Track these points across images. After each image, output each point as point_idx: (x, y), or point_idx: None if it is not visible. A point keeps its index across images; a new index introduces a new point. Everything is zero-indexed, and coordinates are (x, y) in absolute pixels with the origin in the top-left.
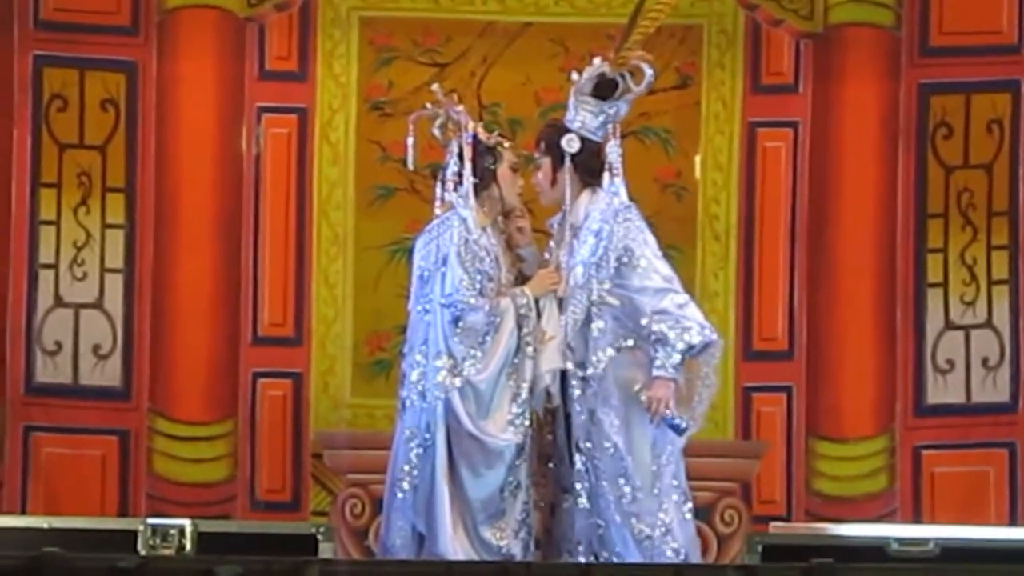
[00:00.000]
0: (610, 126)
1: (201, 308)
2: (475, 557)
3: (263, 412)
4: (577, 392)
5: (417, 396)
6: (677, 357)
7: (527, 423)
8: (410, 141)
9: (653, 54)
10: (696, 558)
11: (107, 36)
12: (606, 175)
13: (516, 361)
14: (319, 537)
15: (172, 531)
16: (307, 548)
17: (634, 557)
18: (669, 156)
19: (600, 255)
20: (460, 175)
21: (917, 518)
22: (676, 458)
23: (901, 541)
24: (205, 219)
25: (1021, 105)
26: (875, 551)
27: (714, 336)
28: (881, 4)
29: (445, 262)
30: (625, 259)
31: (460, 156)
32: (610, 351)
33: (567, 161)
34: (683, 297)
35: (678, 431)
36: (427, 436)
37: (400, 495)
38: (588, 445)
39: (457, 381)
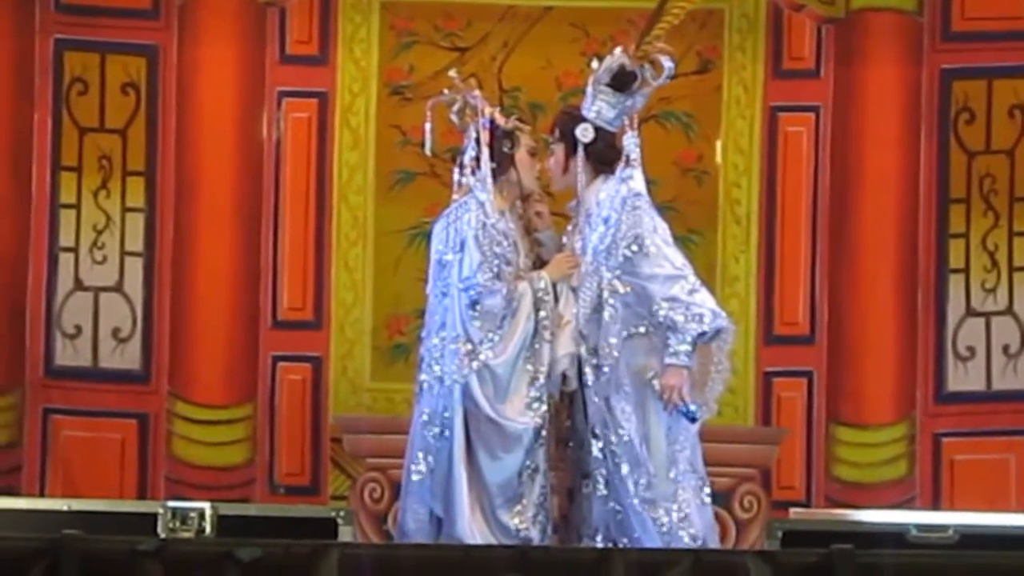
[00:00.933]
0: (626, 117)
1: (221, 292)
2: (493, 541)
3: (282, 396)
4: (591, 379)
5: (435, 380)
6: (688, 344)
7: (545, 407)
8: (427, 127)
9: (675, 38)
10: (714, 543)
11: (128, 20)
12: (620, 164)
13: (535, 345)
14: (339, 521)
15: (192, 514)
16: (327, 532)
17: (652, 543)
18: (690, 140)
19: (609, 243)
20: (478, 160)
21: (936, 505)
22: (692, 443)
23: (920, 527)
24: (225, 203)
25: None
26: (895, 537)
27: (725, 322)
28: None
29: (463, 246)
30: (635, 247)
31: (478, 141)
32: (622, 338)
33: (580, 150)
34: (694, 283)
35: (691, 419)
36: (445, 419)
37: (417, 478)
38: (604, 431)
39: (475, 364)
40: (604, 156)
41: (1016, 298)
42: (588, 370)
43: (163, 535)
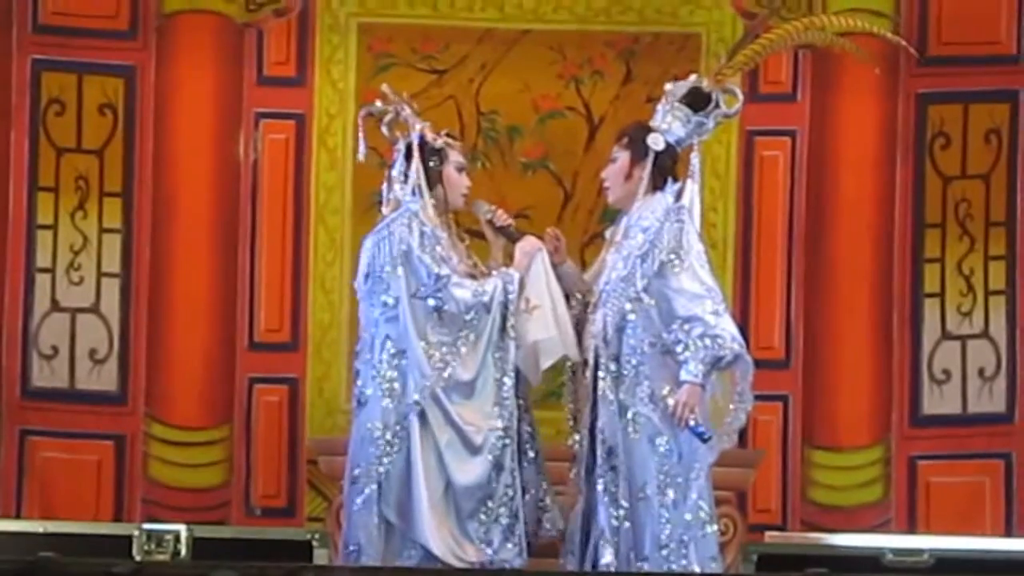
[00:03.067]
0: (694, 139)
1: (197, 313)
2: (455, 544)
3: (259, 417)
4: (610, 387)
5: (382, 392)
6: (705, 364)
7: (512, 407)
8: (360, 136)
9: (652, 62)
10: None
11: (105, 41)
12: (670, 180)
13: (502, 344)
14: (314, 543)
15: (168, 536)
16: (302, 554)
17: (654, 562)
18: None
19: (646, 251)
20: (406, 175)
21: (912, 528)
22: (705, 474)
23: (896, 551)
24: (202, 224)
25: (1019, 115)
26: (870, 561)
27: (744, 352)
28: (880, 13)
29: (407, 257)
30: (672, 260)
31: (407, 155)
32: (644, 348)
33: (650, 158)
34: (719, 307)
35: (702, 439)
36: (398, 429)
37: (367, 491)
38: (615, 443)
39: (445, 375)
40: (666, 170)
41: (992, 322)
42: (607, 377)
43: (139, 558)
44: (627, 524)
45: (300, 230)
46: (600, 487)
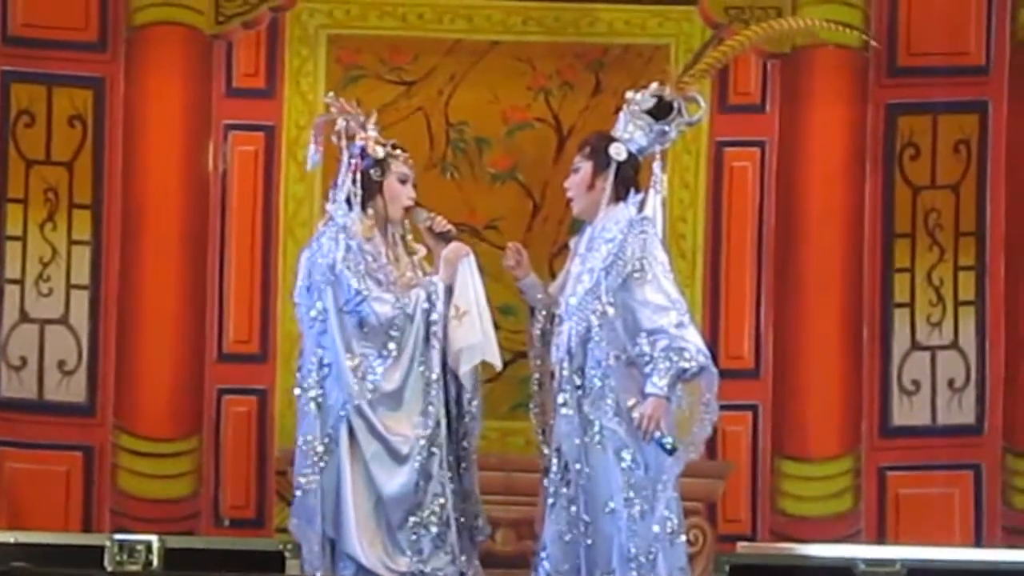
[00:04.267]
0: (657, 148)
1: (166, 325)
2: (386, 556)
3: (228, 429)
4: (572, 401)
5: (313, 406)
6: (669, 377)
7: (437, 415)
8: (311, 146)
9: (620, 73)
10: None
11: (75, 52)
12: (632, 190)
13: (427, 352)
14: (286, 554)
15: (139, 547)
16: (274, 565)
17: (623, 573)
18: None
19: (610, 263)
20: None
21: (882, 539)
22: (672, 485)
23: (868, 562)
24: (171, 236)
25: (988, 126)
26: (842, 571)
27: (709, 363)
28: (849, 25)
29: (332, 271)
30: (636, 272)
31: (347, 167)
32: (609, 361)
33: (612, 168)
34: (683, 319)
35: (666, 451)
36: (327, 442)
37: (308, 504)
38: (577, 453)
39: (369, 387)
40: (629, 180)
41: (961, 332)
42: (570, 392)
43: (110, 568)
44: (588, 540)
45: (269, 242)
46: (551, 501)
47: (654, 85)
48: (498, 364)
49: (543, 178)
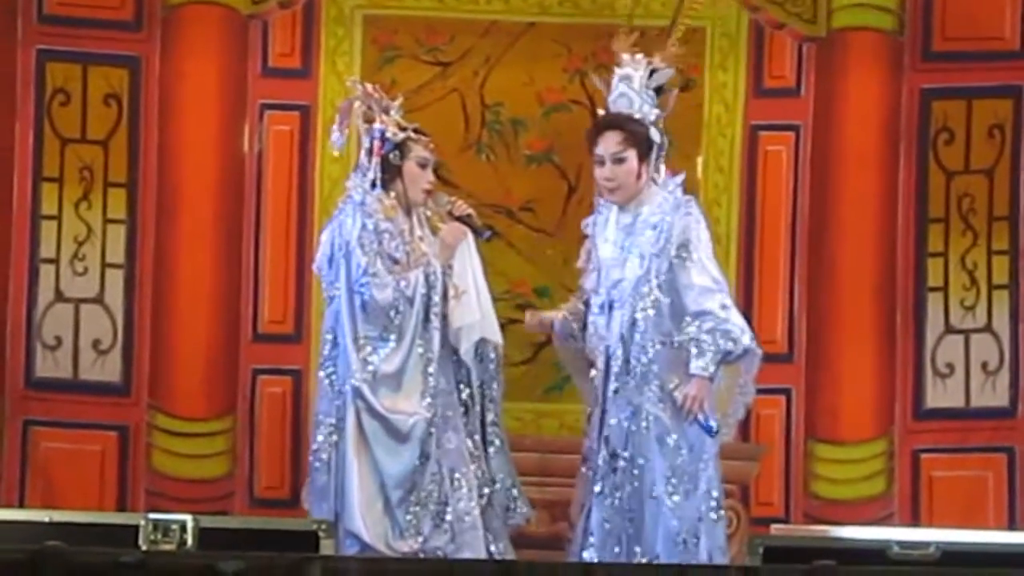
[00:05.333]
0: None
1: (201, 304)
2: (387, 534)
3: (262, 409)
4: (619, 385)
5: (327, 383)
6: (715, 358)
7: (435, 393)
8: (335, 130)
9: (655, 55)
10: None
11: (110, 31)
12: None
13: (426, 333)
14: (320, 534)
15: (173, 527)
16: (308, 545)
17: (668, 555)
18: (670, 158)
19: (661, 247)
20: (365, 167)
21: (915, 522)
22: (714, 463)
23: (902, 544)
24: (206, 215)
25: (1022, 111)
26: (876, 554)
27: (754, 345)
28: (884, 9)
29: (347, 248)
30: (683, 253)
31: (370, 150)
32: (656, 345)
33: (653, 152)
34: (729, 300)
35: (710, 432)
36: (337, 420)
37: (320, 482)
38: (625, 440)
39: (369, 368)
40: (657, 162)
41: (995, 316)
42: (618, 375)
43: (145, 548)
44: (631, 529)
45: (304, 221)
46: (597, 488)
47: (639, 56)
48: (498, 340)
49: (578, 160)
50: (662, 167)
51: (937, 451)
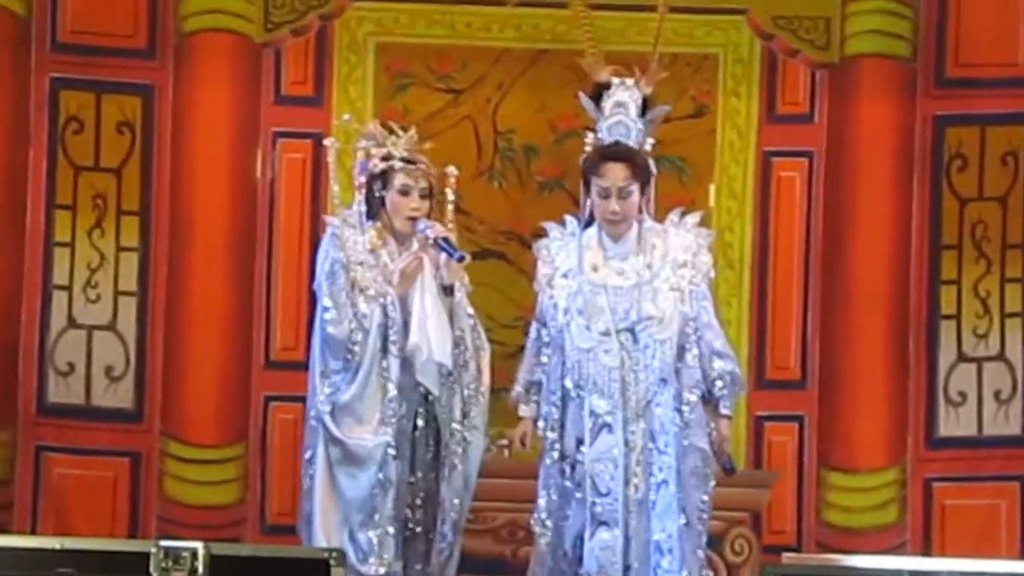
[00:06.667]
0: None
1: (214, 331)
2: (352, 557)
3: (274, 436)
4: (672, 423)
5: (309, 416)
6: (736, 398)
7: (395, 421)
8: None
9: (669, 82)
10: None
11: (124, 59)
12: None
13: (383, 363)
14: (331, 562)
15: (185, 554)
16: (319, 573)
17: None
18: (683, 184)
19: (696, 285)
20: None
21: (927, 551)
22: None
23: (914, 574)
24: (219, 243)
25: None
26: None
27: None
28: (897, 35)
29: (319, 282)
30: (704, 291)
31: (358, 185)
32: (700, 384)
33: (651, 184)
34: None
35: (732, 472)
36: (313, 451)
37: (306, 508)
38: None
39: (331, 397)
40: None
41: (1008, 344)
42: (669, 415)
43: (156, 575)
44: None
45: (316, 249)
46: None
47: (629, 82)
48: (445, 362)
49: None
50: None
51: (949, 480)
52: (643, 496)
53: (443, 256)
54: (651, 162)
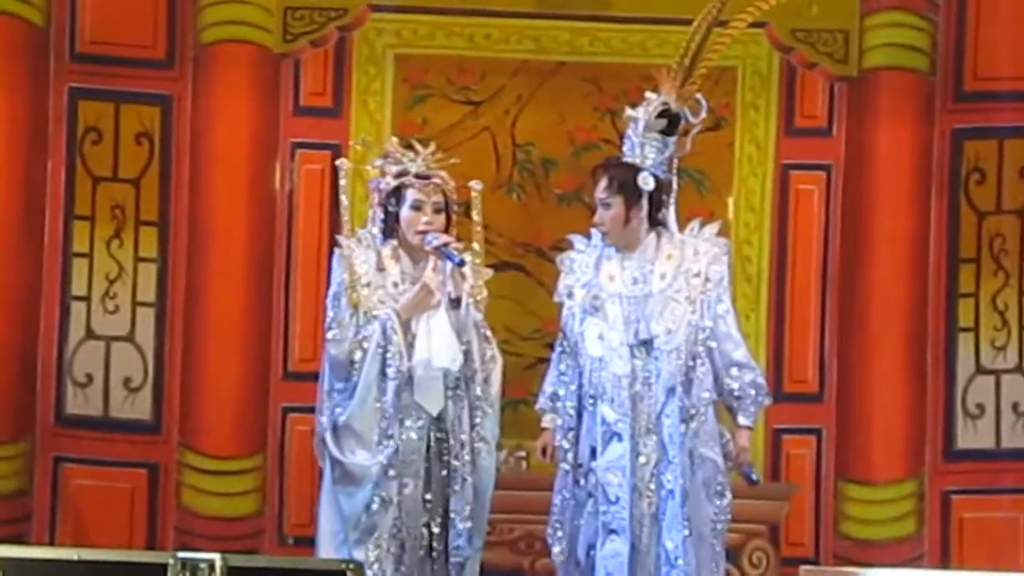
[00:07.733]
0: (674, 162)
1: (232, 342)
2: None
3: (292, 447)
4: (679, 434)
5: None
6: (758, 408)
7: (394, 440)
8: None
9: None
10: None
11: (142, 70)
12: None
13: (382, 384)
14: (348, 573)
15: (202, 565)
16: None
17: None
18: (702, 197)
19: (712, 296)
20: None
21: (945, 563)
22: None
23: None
24: (237, 254)
25: None
26: None
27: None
28: (916, 49)
29: (327, 302)
30: (722, 304)
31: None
32: (710, 394)
33: (644, 199)
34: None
35: (753, 482)
36: (322, 468)
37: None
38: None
39: (333, 417)
40: (660, 204)
41: None
42: (675, 424)
43: None
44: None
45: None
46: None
47: (655, 100)
48: (447, 366)
49: None
50: (671, 208)
51: (967, 492)
52: (656, 509)
53: (448, 265)
54: (645, 175)
